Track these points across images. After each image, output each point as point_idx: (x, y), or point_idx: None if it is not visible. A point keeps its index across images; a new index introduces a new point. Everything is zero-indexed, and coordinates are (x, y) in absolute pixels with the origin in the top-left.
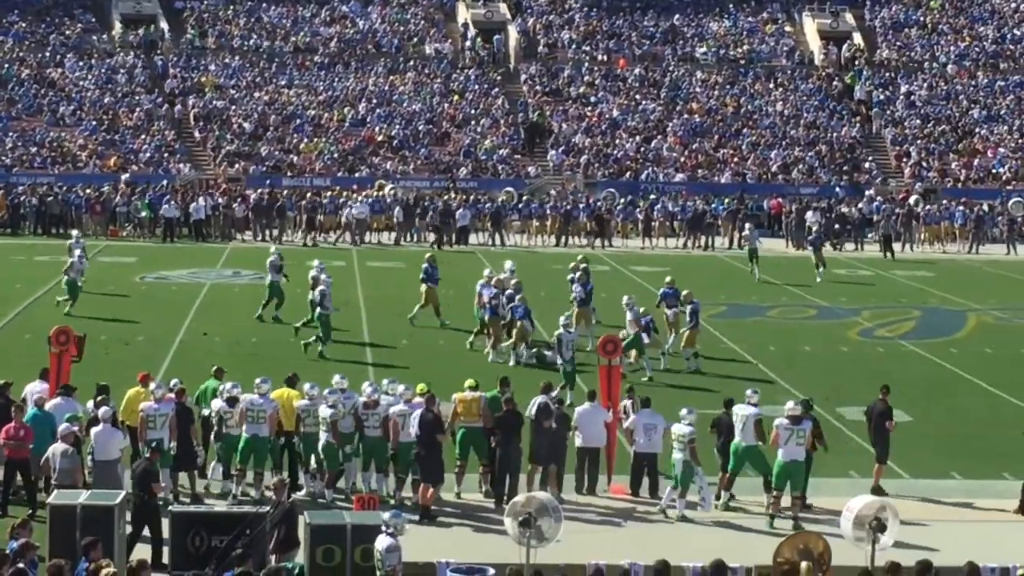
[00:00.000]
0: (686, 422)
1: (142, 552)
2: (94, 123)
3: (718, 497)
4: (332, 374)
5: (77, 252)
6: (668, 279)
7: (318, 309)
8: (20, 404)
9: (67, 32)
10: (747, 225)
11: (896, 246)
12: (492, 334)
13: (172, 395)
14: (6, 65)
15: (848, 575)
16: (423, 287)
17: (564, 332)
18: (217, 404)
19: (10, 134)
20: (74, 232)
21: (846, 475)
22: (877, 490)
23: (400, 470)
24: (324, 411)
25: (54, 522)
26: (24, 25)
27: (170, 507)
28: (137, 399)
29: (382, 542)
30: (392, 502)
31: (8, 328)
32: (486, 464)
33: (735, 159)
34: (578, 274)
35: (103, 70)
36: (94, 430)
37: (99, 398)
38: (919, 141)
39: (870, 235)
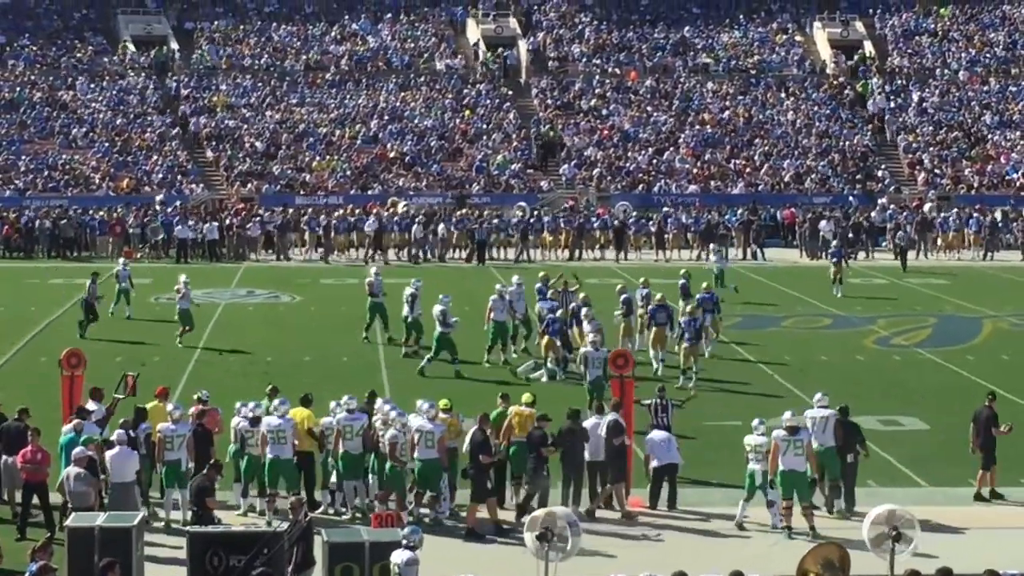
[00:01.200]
0: (759, 432)
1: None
2: (106, 145)
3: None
4: (342, 392)
5: (182, 278)
6: (704, 285)
7: (439, 328)
8: (36, 428)
9: (78, 54)
10: (711, 245)
11: (910, 254)
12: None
13: (193, 411)
14: (18, 88)
15: None
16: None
17: (591, 350)
18: (236, 421)
19: (23, 157)
20: (121, 260)
21: (864, 484)
22: (991, 495)
23: (419, 486)
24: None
25: (72, 545)
26: (35, 48)
27: (186, 528)
28: (156, 413)
29: (400, 556)
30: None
31: (23, 351)
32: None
33: (747, 170)
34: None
35: (115, 91)
36: (109, 453)
37: (121, 421)
38: (932, 148)
39: (883, 244)
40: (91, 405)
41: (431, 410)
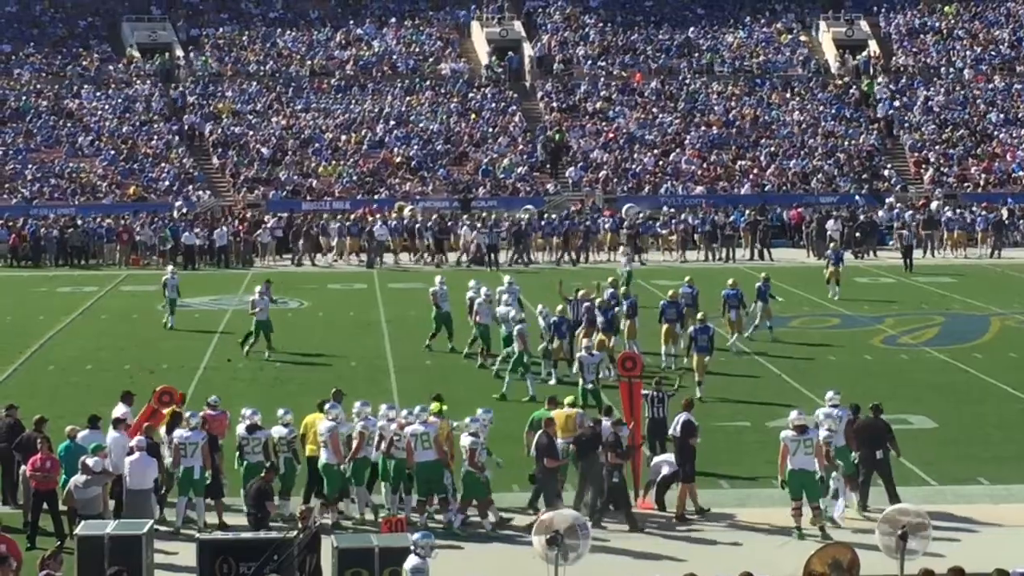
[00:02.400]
0: (825, 427)
1: None
2: (112, 153)
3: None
4: (352, 397)
5: (258, 290)
6: (731, 281)
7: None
8: (46, 437)
9: (83, 63)
10: (621, 248)
11: (917, 252)
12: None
13: (200, 415)
14: (24, 97)
15: None
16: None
17: (586, 355)
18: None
19: (29, 166)
20: (169, 267)
21: (875, 483)
22: None
23: (420, 491)
24: (465, 440)
25: (82, 553)
26: (40, 57)
27: (197, 535)
28: (174, 418)
29: (410, 562)
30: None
31: (32, 360)
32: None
33: (754, 170)
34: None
35: (120, 99)
36: (129, 459)
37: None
38: (937, 147)
39: (890, 243)
40: (121, 408)
41: (422, 413)
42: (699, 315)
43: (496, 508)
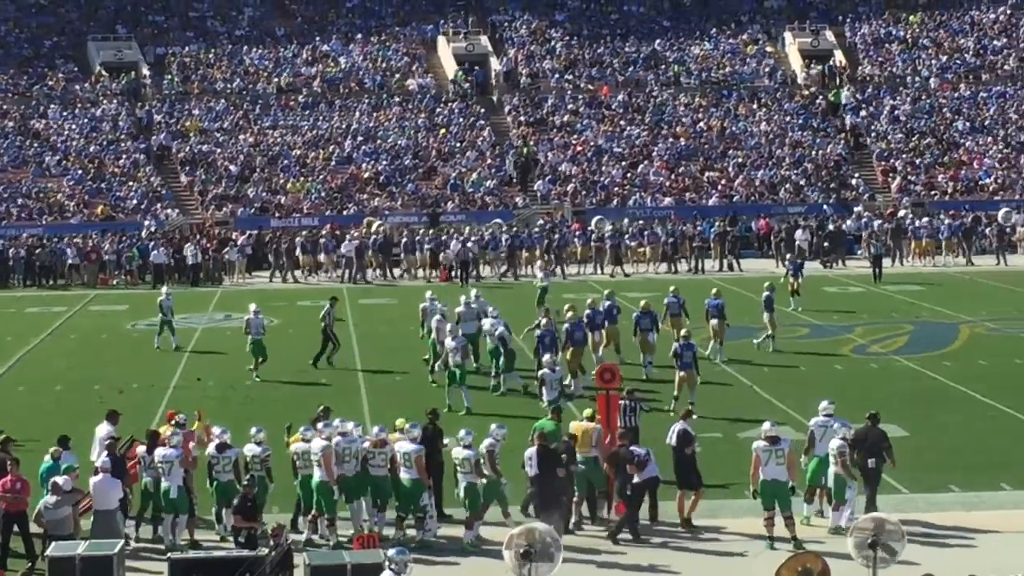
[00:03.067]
0: (840, 436)
1: None
2: (80, 172)
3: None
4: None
5: (252, 308)
6: (714, 291)
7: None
8: (16, 457)
9: (50, 82)
10: (538, 263)
11: (885, 261)
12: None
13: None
14: None
15: None
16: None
17: (548, 372)
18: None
19: None
20: (164, 288)
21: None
22: None
23: (401, 508)
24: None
25: (53, 574)
26: (6, 77)
27: (168, 554)
28: (152, 438)
29: None
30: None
31: (1, 381)
32: (603, 491)
33: (722, 181)
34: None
35: (87, 119)
36: (93, 480)
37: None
38: (904, 156)
39: (859, 252)
40: (105, 427)
41: (412, 430)
42: (683, 331)
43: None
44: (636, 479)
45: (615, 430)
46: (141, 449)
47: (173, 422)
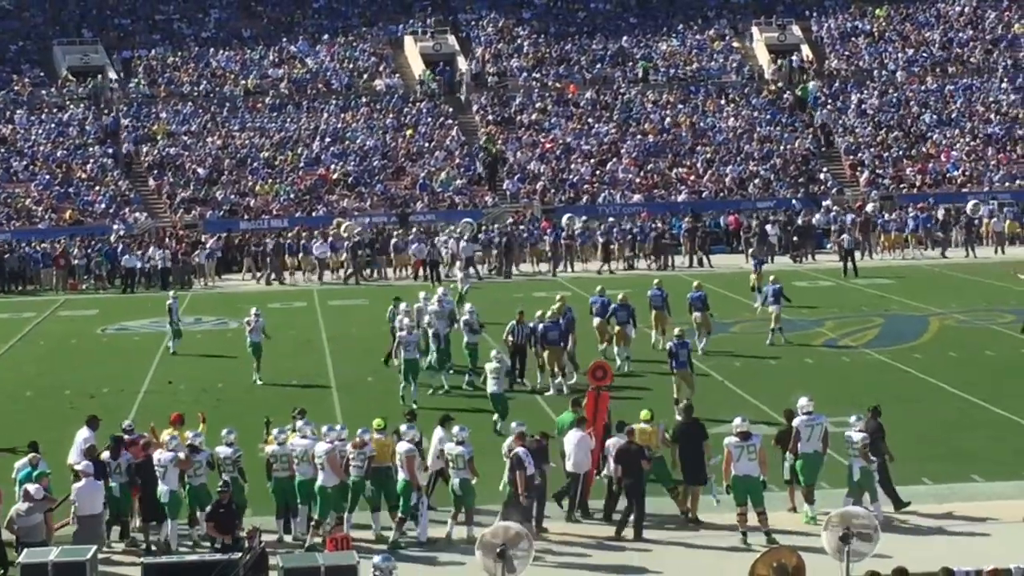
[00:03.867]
0: (856, 428)
1: None
2: (48, 177)
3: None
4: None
5: (253, 310)
6: (696, 283)
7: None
8: None
9: (15, 87)
10: (457, 264)
11: (855, 254)
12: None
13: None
14: None
15: None
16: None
17: (493, 363)
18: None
19: None
20: (171, 292)
21: (819, 486)
22: None
23: (400, 508)
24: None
25: None
26: None
27: (141, 559)
28: (116, 443)
29: None
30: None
31: None
32: (671, 488)
33: (691, 177)
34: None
35: (54, 124)
36: (76, 485)
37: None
38: (872, 149)
39: (828, 246)
40: (84, 432)
41: (410, 431)
42: (676, 331)
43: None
44: (570, 466)
45: (601, 427)
46: (104, 455)
47: (121, 428)
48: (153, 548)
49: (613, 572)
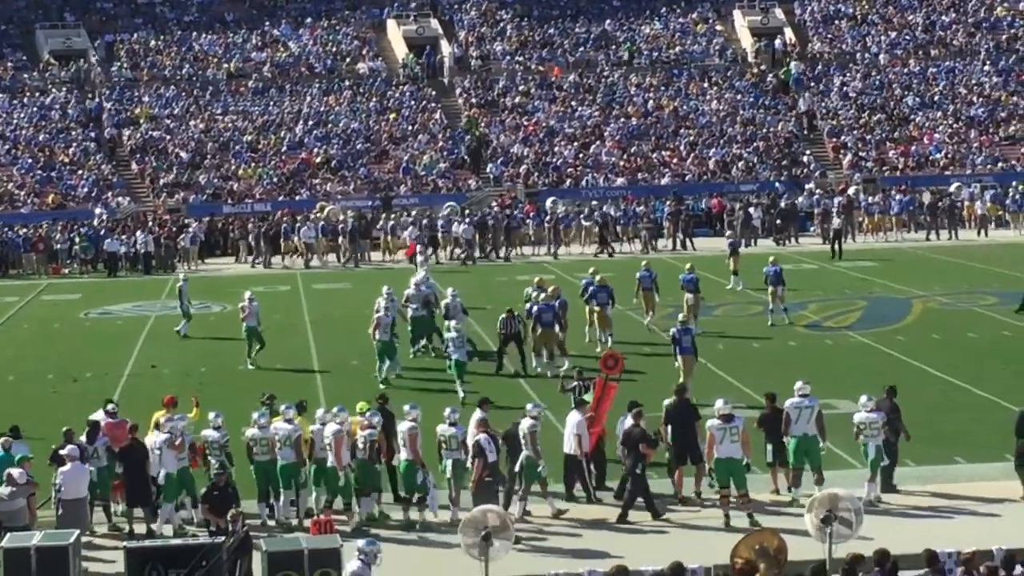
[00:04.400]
0: (867, 409)
1: None
2: (30, 161)
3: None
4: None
5: (247, 295)
6: (688, 265)
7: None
8: None
9: None
10: (418, 248)
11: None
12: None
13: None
14: None
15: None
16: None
17: (453, 333)
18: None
19: None
20: (181, 275)
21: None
22: None
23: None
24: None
25: (8, 566)
26: None
27: (124, 543)
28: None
29: (351, 567)
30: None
31: None
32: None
33: (674, 160)
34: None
35: (36, 107)
36: (62, 469)
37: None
38: (855, 132)
39: (811, 229)
40: (100, 414)
41: (412, 411)
42: (680, 316)
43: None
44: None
45: (604, 414)
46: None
47: (103, 410)
48: (168, 532)
49: (596, 555)
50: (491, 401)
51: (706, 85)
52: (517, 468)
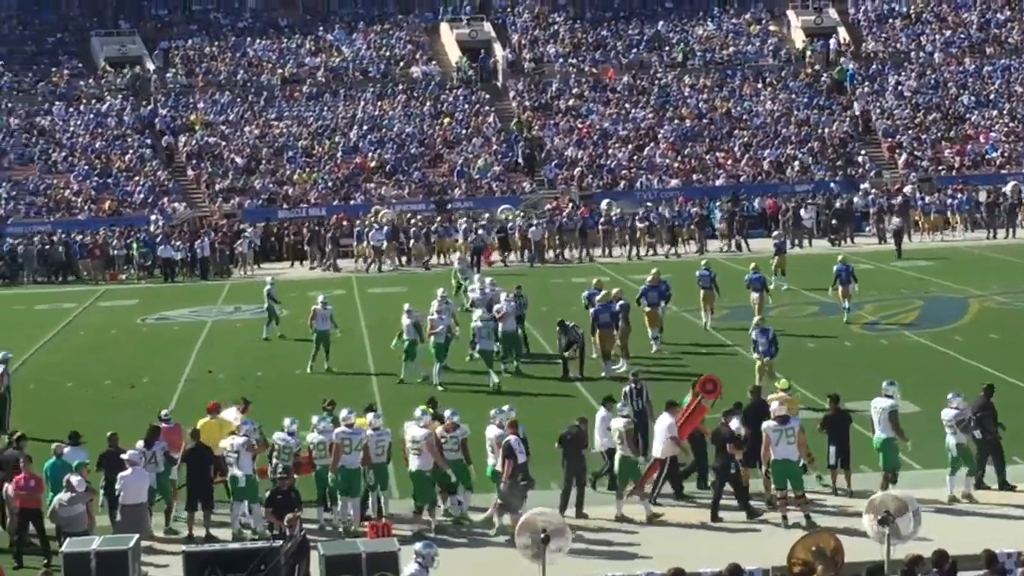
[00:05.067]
0: (953, 405)
1: None
2: (87, 168)
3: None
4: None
5: (320, 298)
6: (753, 265)
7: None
8: (28, 455)
9: (54, 79)
10: (457, 256)
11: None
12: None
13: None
14: None
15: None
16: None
17: (479, 324)
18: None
19: (3, 184)
20: (268, 278)
21: (858, 469)
22: None
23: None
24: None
25: (69, 571)
26: (11, 75)
27: (183, 547)
28: (210, 428)
29: (408, 570)
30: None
31: (13, 379)
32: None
33: (728, 161)
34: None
35: (92, 114)
36: (123, 474)
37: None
38: (910, 131)
39: (867, 229)
40: (233, 412)
41: (453, 416)
42: (756, 319)
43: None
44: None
45: (687, 433)
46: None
47: (158, 417)
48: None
49: (654, 556)
50: (612, 399)
51: (760, 86)
52: (614, 467)
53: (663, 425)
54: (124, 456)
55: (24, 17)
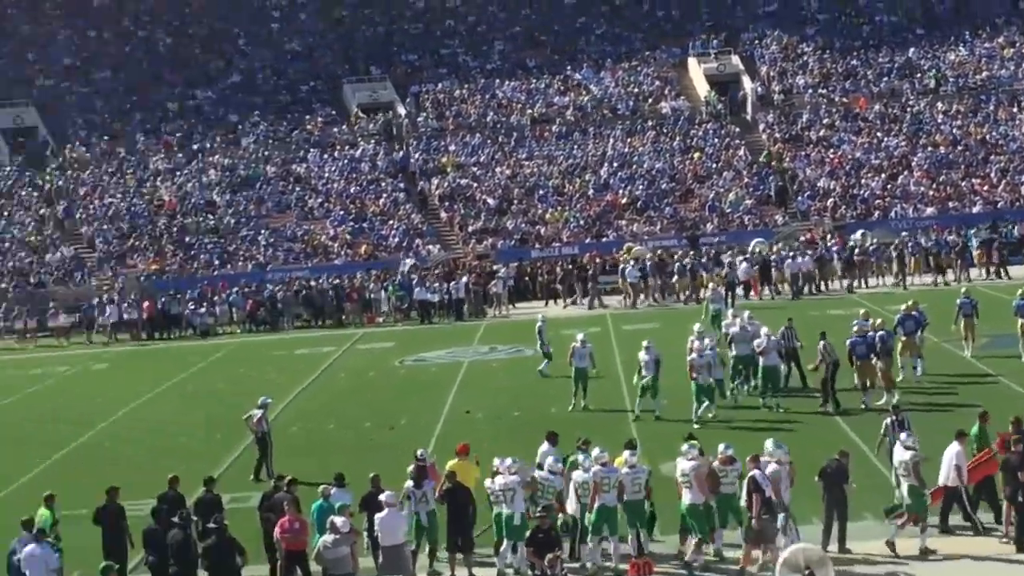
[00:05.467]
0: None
1: None
2: (342, 213)
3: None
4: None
5: (580, 336)
6: (1020, 291)
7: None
8: (295, 497)
9: (308, 127)
10: (710, 285)
11: None
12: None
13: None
14: (252, 165)
15: None
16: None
17: (696, 356)
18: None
19: (262, 232)
20: (540, 315)
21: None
22: None
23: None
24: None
25: None
26: (267, 124)
27: None
28: (459, 469)
29: None
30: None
31: (275, 422)
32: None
33: (985, 187)
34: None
35: (346, 160)
36: (379, 516)
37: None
38: None
39: None
40: (544, 446)
41: (691, 450)
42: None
43: None
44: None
45: (982, 478)
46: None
47: (414, 457)
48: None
49: None
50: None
51: (1015, 110)
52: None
53: (950, 453)
54: (381, 497)
55: (278, 67)
